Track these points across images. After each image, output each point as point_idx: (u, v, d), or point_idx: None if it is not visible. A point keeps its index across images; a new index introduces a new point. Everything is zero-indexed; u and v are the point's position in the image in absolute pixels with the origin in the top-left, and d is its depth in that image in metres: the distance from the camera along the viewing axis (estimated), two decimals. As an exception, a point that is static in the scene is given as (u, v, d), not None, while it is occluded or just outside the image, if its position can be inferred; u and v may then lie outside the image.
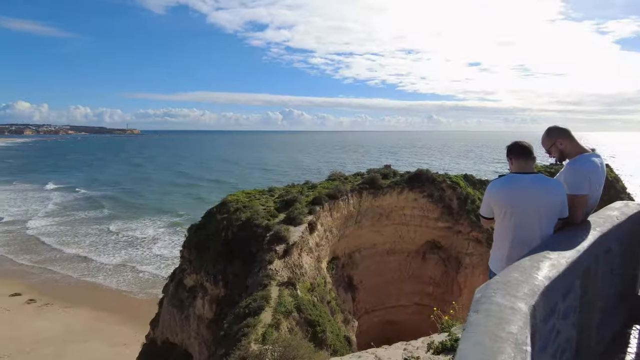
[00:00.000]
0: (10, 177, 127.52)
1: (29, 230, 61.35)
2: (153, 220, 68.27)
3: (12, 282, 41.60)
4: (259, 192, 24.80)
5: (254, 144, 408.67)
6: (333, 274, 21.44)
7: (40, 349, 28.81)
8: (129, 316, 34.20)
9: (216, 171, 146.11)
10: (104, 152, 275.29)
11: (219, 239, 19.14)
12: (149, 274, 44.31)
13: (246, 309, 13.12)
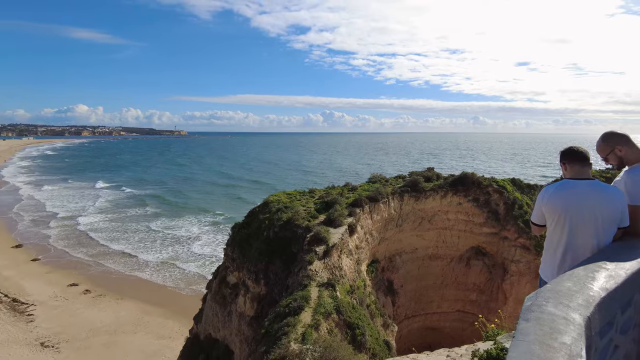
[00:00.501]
0: (66, 175, 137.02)
1: (79, 226, 65.45)
2: (194, 219, 70.69)
3: (70, 273, 44.51)
4: (300, 193, 25.07)
5: (294, 146, 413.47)
6: (373, 277, 21.28)
7: (94, 337, 30.61)
8: (174, 311, 35.60)
9: (256, 172, 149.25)
10: (152, 152, 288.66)
11: (261, 238, 19.53)
12: (191, 271, 45.89)
13: (286, 308, 13.30)
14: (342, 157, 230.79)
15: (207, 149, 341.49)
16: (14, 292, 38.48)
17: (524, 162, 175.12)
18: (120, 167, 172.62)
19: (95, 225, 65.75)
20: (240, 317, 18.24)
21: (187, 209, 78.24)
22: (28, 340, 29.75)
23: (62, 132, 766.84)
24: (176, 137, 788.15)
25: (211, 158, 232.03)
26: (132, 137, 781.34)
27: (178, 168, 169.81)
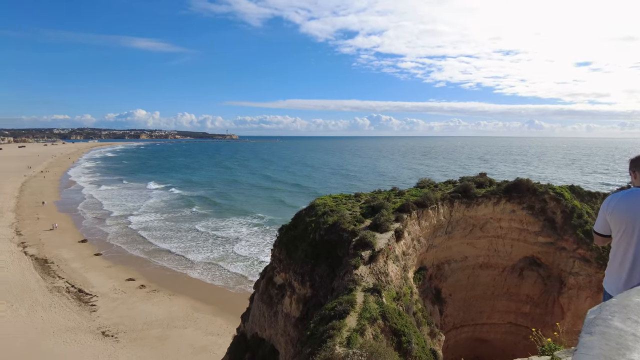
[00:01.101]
0: (122, 176, 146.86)
1: (131, 225, 69.42)
2: (238, 220, 72.96)
3: (128, 268, 47.26)
4: (345, 197, 25.06)
5: (339, 150, 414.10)
6: (420, 284, 20.83)
7: (149, 329, 32.27)
8: (222, 308, 36.75)
9: (298, 176, 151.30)
10: (202, 155, 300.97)
11: (307, 241, 19.72)
12: (237, 271, 47.20)
13: (332, 311, 13.33)
14: (387, 161, 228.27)
15: (253, 153, 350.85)
16: (80, 284, 41.45)
17: (584, 168, 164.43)
18: (171, 169, 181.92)
19: (145, 225, 69.53)
20: (286, 318, 18.52)
21: (231, 211, 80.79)
22: (91, 328, 31.87)
23: (123, 136, 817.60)
24: (227, 141, 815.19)
25: (257, 161, 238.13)
26: (186, 140, 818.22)
27: (225, 171, 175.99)
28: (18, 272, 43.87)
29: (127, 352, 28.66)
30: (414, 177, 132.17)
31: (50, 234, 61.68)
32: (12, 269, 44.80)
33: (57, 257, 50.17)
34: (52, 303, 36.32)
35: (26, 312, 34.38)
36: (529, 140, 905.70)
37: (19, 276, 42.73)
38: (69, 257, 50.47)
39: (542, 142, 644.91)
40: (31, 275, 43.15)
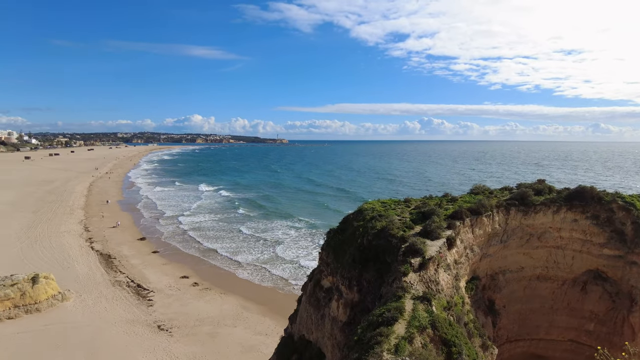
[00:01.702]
0: (176, 178, 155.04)
1: (182, 225, 72.57)
2: (281, 224, 74.13)
3: (182, 266, 49.46)
4: (395, 202, 24.67)
5: (386, 154, 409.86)
6: (472, 294, 20.05)
7: (201, 326, 33.54)
8: (271, 309, 37.43)
9: (342, 180, 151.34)
10: (251, 159, 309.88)
11: (355, 245, 19.63)
12: (283, 273, 47.90)
13: (379, 318, 13.17)
14: (436, 166, 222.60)
15: (300, 157, 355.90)
16: (139, 279, 43.96)
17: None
18: (222, 172, 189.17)
19: (196, 225, 72.56)
20: (333, 322, 18.52)
21: (276, 214, 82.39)
22: (148, 322, 33.65)
23: (180, 140, 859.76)
24: (277, 145, 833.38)
25: (302, 165, 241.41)
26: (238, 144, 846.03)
27: (271, 174, 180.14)
28: (86, 266, 47.28)
29: (180, 347, 29.94)
30: (464, 182, 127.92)
31: (114, 231, 65.96)
32: (82, 263, 48.39)
33: (119, 253, 53.56)
34: (115, 296, 38.76)
35: (92, 302, 36.96)
36: (593, 145, 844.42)
37: (87, 269, 46.04)
38: (129, 254, 53.70)
39: (609, 147, 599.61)
40: (97, 269, 46.35)
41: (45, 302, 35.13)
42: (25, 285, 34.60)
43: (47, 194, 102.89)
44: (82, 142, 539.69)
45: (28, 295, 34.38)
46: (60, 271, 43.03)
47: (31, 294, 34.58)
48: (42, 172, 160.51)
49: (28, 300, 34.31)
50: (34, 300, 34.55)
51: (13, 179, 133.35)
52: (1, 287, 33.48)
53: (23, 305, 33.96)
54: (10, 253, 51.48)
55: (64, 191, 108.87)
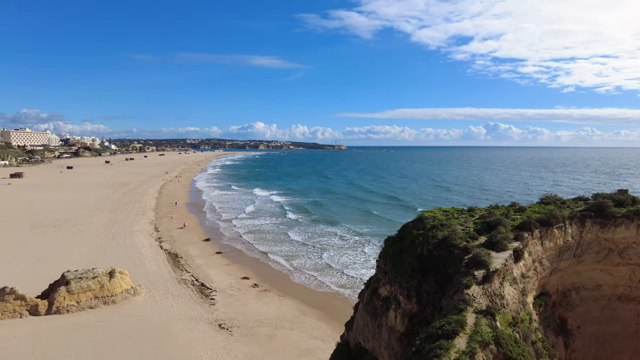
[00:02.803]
0: (235, 182, 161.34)
1: (237, 228, 75.02)
2: (330, 230, 74.18)
3: (243, 268, 51.19)
4: (458, 211, 23.77)
5: (445, 160, 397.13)
6: (541, 311, 18.73)
7: (259, 327, 34.42)
8: (327, 314, 37.54)
9: (393, 187, 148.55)
10: (306, 165, 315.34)
11: (414, 254, 19.16)
12: (337, 279, 47.83)
13: (439, 330, 12.73)
14: (497, 173, 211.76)
15: (354, 163, 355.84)
16: (202, 278, 46.14)
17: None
18: (276, 177, 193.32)
19: (250, 229, 74.66)
20: (390, 331, 18.19)
21: (322, 221, 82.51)
22: (210, 320, 35.15)
23: (244, 146, 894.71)
24: (335, 151, 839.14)
25: (355, 172, 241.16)
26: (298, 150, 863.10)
27: (324, 180, 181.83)
28: (155, 264, 50.51)
29: (239, 346, 30.91)
30: (525, 192, 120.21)
31: (181, 232, 69.90)
32: (151, 261, 51.78)
33: (185, 253, 56.64)
34: (180, 293, 40.97)
35: (160, 298, 39.34)
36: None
37: (156, 267, 49.16)
38: (194, 254, 56.59)
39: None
40: (165, 267, 49.32)
41: (120, 295, 37.95)
42: (104, 279, 37.66)
43: (123, 196, 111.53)
44: (155, 147, 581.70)
45: (106, 288, 37.39)
46: (133, 267, 46.27)
47: (108, 287, 37.56)
48: (120, 175, 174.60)
49: (106, 292, 37.29)
50: (110, 293, 37.47)
51: (96, 181, 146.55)
52: (84, 279, 36.74)
53: (102, 296, 36.97)
54: (91, 248, 56.41)
55: (137, 193, 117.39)
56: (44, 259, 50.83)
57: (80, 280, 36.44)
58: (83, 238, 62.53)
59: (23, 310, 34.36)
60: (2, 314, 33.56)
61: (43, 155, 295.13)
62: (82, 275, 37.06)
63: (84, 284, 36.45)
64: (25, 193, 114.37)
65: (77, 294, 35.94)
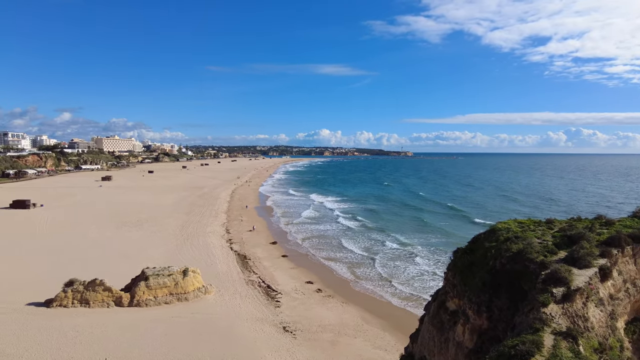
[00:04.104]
0: (297, 187, 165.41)
1: (296, 232, 75.94)
2: (380, 238, 72.34)
3: (307, 272, 51.87)
4: (534, 223, 22.16)
5: (519, 168, 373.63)
6: (634, 339, 16.77)
7: (322, 332, 34.57)
8: (391, 324, 36.75)
9: (453, 196, 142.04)
10: (366, 172, 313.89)
11: (485, 268, 18.15)
12: (402, 289, 46.57)
13: (512, 350, 11.89)
14: (574, 183, 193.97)
15: (416, 169, 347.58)
16: (269, 280, 47.47)
17: None
18: (333, 183, 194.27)
19: (307, 234, 75.35)
20: (457, 347, 17.36)
21: (374, 229, 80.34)
22: (274, 322, 35.99)
23: (310, 152, 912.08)
24: (402, 158, 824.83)
25: (415, 179, 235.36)
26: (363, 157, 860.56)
27: (381, 187, 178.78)
28: (225, 264, 52.91)
29: (302, 350, 31.26)
30: (598, 204, 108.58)
31: (250, 235, 72.62)
32: (222, 261, 54.33)
33: (253, 255, 58.70)
34: (247, 294, 42.46)
35: (229, 298, 41.06)
36: None
37: (226, 268, 51.47)
38: (262, 256, 58.45)
39: None
40: (234, 268, 51.47)
41: (192, 293, 40.19)
42: (178, 277, 40.15)
43: (198, 199, 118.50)
44: (227, 154, 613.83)
45: (180, 285, 39.83)
46: (205, 267, 48.81)
47: (182, 285, 39.97)
48: (195, 179, 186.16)
49: (180, 289, 39.71)
50: (184, 290, 39.84)
51: (174, 184, 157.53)
52: (161, 276, 39.48)
53: (176, 293, 39.44)
54: (167, 247, 60.54)
55: (211, 197, 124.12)
56: (127, 256, 55.48)
57: (157, 277, 39.20)
58: (161, 237, 67.34)
59: (110, 300, 37.69)
60: (93, 303, 37.09)
61: (128, 160, 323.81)
62: (159, 273, 39.81)
63: (161, 281, 39.14)
64: (113, 194, 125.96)
65: (155, 290, 38.67)
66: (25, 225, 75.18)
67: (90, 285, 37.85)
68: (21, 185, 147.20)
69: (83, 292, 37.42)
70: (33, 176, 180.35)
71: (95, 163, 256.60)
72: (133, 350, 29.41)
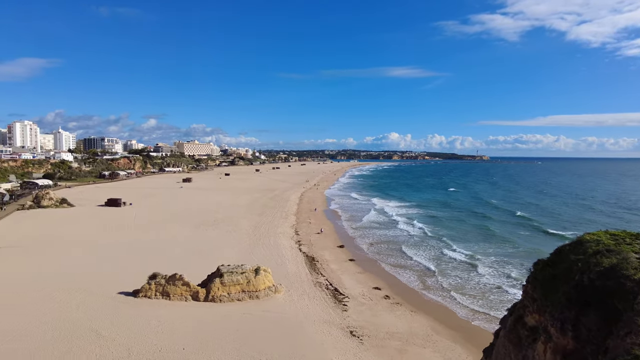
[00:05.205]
0: (356, 190, 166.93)
1: (362, 237, 75.19)
2: (441, 246, 69.21)
3: (374, 277, 51.35)
4: (631, 236, 19.87)
5: (607, 174, 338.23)
6: None
7: (390, 340, 33.96)
8: (463, 337, 35.09)
9: (524, 203, 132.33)
10: (433, 177, 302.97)
11: (571, 283, 16.64)
12: (471, 300, 44.19)
13: (604, 376, 10.78)
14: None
15: (487, 175, 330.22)
16: (336, 283, 47.71)
17: None
18: (394, 188, 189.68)
19: (374, 239, 74.13)
20: (538, 367, 16.08)
21: (435, 237, 76.74)
22: (341, 325, 36.04)
23: (377, 156, 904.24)
24: (476, 162, 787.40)
25: (484, 184, 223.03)
26: (434, 161, 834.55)
27: (446, 193, 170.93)
28: (294, 265, 54.14)
29: (369, 356, 30.93)
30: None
31: (318, 237, 73.63)
32: (291, 262, 55.68)
33: (321, 257, 59.41)
34: (315, 295, 43.01)
35: (297, 298, 41.91)
36: None
37: (295, 268, 52.64)
38: (329, 259, 58.95)
39: None
40: (302, 269, 52.47)
41: (263, 291, 41.60)
42: (250, 275, 41.80)
43: (269, 200, 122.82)
44: (297, 158, 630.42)
45: (252, 283, 41.44)
46: (275, 267, 50.28)
47: (254, 283, 41.55)
48: (267, 182, 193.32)
49: (251, 287, 41.32)
50: (255, 288, 41.38)
51: (248, 187, 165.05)
52: (235, 273, 41.39)
53: (248, 291, 41.09)
54: (241, 247, 63.37)
55: (281, 199, 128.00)
56: (204, 253, 58.96)
57: (231, 274, 41.14)
58: (235, 237, 70.70)
59: (187, 295, 40.28)
60: (173, 296, 39.89)
61: (207, 164, 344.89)
62: (233, 270, 41.74)
63: (234, 278, 41.02)
64: (193, 195, 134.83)
65: (229, 286, 40.62)
66: (117, 222, 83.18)
67: (171, 279, 40.77)
68: (114, 185, 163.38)
69: (165, 285, 40.41)
70: (123, 177, 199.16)
71: (177, 166, 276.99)
72: (208, 343, 31.13)
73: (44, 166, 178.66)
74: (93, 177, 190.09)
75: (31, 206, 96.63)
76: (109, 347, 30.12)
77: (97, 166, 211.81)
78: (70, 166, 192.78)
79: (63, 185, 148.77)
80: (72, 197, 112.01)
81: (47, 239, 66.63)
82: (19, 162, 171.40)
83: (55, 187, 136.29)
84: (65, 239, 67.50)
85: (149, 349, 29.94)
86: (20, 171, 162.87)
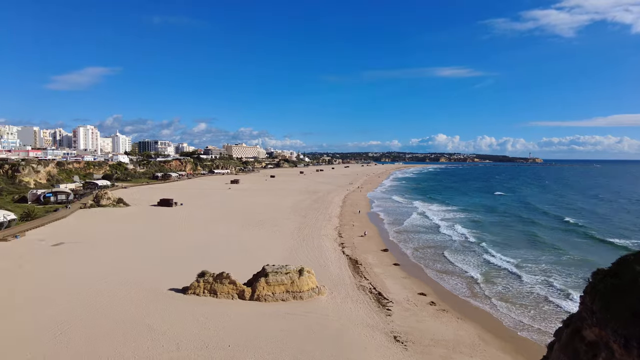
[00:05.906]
0: (401, 193, 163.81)
1: (406, 241, 73.60)
2: (485, 252, 66.36)
3: (420, 283, 50.24)
4: None
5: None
6: None
7: (435, 347, 33.04)
8: (513, 347, 33.55)
9: (573, 208, 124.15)
10: (481, 179, 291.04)
11: (637, 295, 15.42)
12: (522, 310, 42.06)
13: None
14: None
15: (537, 178, 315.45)
16: (380, 287, 47.14)
17: None
18: (439, 191, 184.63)
19: (413, 244, 72.23)
20: (598, 385, 15.01)
21: (476, 243, 73.24)
22: (385, 330, 35.53)
23: (423, 159, 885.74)
24: (529, 165, 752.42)
25: (533, 188, 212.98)
26: (483, 163, 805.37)
27: (492, 197, 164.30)
28: (337, 267, 54.10)
29: (413, 362, 30.22)
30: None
31: (361, 240, 73.16)
32: (334, 264, 55.70)
33: (364, 260, 58.95)
34: (358, 299, 42.72)
35: (340, 301, 41.83)
36: None
37: (338, 270, 52.60)
38: (373, 262, 58.36)
39: None
40: (345, 272, 52.31)
41: (307, 292, 41.88)
42: (294, 275, 42.23)
43: (313, 202, 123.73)
44: (341, 160, 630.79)
45: (295, 284, 41.84)
46: (318, 268, 50.50)
47: (297, 284, 41.93)
48: (311, 184, 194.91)
49: (295, 288, 41.72)
50: (299, 289, 41.74)
51: (292, 188, 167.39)
52: (279, 273, 42.00)
53: (291, 291, 41.52)
54: (285, 247, 64.24)
55: (325, 201, 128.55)
56: (249, 252, 60.32)
57: (276, 274, 41.77)
58: (279, 237, 71.80)
59: (234, 293, 41.34)
60: (220, 294, 41.10)
61: (253, 166, 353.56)
62: (278, 270, 42.36)
63: (279, 278, 41.61)
64: (240, 196, 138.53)
65: (273, 286, 41.26)
66: (168, 221, 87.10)
67: (218, 277, 42.03)
68: (166, 186, 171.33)
69: (212, 283, 41.73)
70: (175, 178, 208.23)
71: (226, 168, 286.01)
72: (253, 341, 31.76)
73: (103, 168, 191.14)
74: (147, 178, 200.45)
75: (92, 205, 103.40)
76: (159, 340, 31.51)
77: (150, 168, 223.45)
78: (126, 168, 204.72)
79: (120, 186, 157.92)
80: (127, 197, 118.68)
81: (104, 236, 70.98)
82: (82, 164, 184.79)
83: (112, 188, 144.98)
84: (121, 236, 71.59)
85: (196, 345, 31.01)
86: (83, 172, 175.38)
